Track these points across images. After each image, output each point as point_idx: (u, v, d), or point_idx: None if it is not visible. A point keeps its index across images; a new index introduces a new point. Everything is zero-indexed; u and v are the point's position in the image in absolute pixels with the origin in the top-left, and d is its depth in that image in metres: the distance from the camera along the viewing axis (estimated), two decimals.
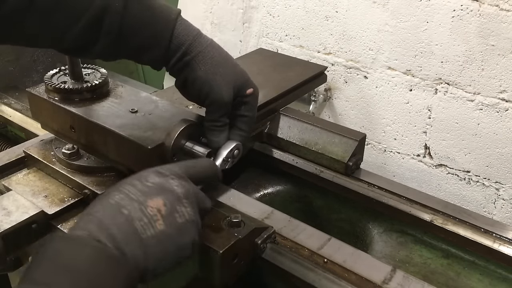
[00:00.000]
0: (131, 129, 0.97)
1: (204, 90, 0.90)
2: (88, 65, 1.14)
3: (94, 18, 0.82)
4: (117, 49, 0.88)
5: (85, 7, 0.81)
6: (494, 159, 1.77)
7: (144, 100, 1.08)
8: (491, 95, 1.70)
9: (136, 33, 0.86)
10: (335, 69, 2.05)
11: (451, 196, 1.93)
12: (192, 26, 0.92)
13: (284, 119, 1.34)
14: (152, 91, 1.43)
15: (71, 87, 1.05)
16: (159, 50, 0.88)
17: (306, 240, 0.98)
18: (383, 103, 1.97)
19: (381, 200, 1.19)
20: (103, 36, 0.84)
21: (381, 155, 2.07)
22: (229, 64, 0.93)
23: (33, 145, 1.14)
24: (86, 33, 0.83)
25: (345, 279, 0.90)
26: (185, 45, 0.89)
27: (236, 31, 2.37)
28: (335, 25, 1.98)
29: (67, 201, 1.01)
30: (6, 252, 0.94)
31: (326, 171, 1.26)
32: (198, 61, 0.89)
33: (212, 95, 0.90)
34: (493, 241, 1.07)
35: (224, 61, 0.92)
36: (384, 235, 1.23)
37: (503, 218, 1.84)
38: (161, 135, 0.94)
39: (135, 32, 0.86)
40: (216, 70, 0.90)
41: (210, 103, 0.92)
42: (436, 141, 1.89)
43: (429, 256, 1.16)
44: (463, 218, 1.12)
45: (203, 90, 0.91)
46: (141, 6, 0.86)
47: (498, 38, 1.61)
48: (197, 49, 0.89)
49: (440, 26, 1.72)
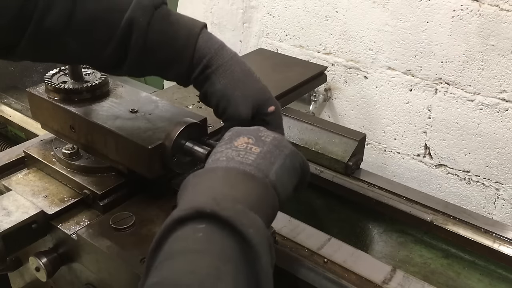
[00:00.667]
0: (131, 129, 0.97)
1: (222, 104, 0.89)
2: None
3: (123, 34, 0.84)
4: (142, 65, 0.89)
5: (117, 24, 0.83)
6: (494, 159, 1.77)
7: (144, 100, 1.08)
8: (491, 95, 1.70)
9: (159, 48, 0.87)
10: (335, 69, 2.05)
11: (451, 196, 1.93)
12: (215, 39, 0.91)
13: (284, 119, 1.34)
14: (152, 91, 1.43)
15: (71, 87, 1.05)
16: (183, 65, 0.89)
17: (306, 240, 0.98)
18: (383, 103, 1.97)
19: (381, 200, 1.19)
20: (130, 51, 0.85)
21: (381, 155, 2.07)
22: (251, 80, 0.91)
23: (33, 145, 1.14)
24: (118, 49, 0.85)
25: (345, 279, 0.90)
26: (206, 58, 0.88)
27: (236, 31, 2.37)
28: (335, 25, 1.98)
29: (67, 201, 1.01)
30: (6, 252, 0.94)
31: (326, 171, 1.26)
32: (218, 75, 0.89)
33: (229, 110, 0.89)
34: (493, 241, 1.07)
35: (245, 77, 0.91)
36: (384, 235, 1.23)
37: (503, 218, 1.84)
38: (161, 135, 0.94)
39: (158, 47, 0.87)
40: (235, 85, 0.89)
41: (227, 118, 0.91)
42: (436, 141, 1.89)
43: (429, 256, 1.16)
44: (463, 218, 1.12)
45: (221, 104, 0.90)
46: (165, 22, 0.87)
47: (498, 38, 1.61)
48: (218, 63, 0.89)
49: (440, 26, 1.72)
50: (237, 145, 0.75)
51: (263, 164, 0.72)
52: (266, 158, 0.73)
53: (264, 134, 0.77)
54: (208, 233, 0.59)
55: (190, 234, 0.59)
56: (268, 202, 0.70)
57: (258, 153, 0.74)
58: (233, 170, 0.71)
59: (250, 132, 0.77)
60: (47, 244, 1.01)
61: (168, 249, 0.59)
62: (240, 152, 0.74)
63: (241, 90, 0.89)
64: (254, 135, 0.77)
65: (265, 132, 0.78)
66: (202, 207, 0.60)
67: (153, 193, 1.03)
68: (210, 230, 0.59)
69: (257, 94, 0.91)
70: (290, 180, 0.76)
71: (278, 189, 0.72)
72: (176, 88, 1.35)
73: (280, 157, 0.75)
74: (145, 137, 0.95)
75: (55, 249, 1.00)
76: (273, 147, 0.75)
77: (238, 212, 0.61)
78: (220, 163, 0.73)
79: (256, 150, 0.74)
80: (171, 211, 0.97)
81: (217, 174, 0.70)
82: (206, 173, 0.72)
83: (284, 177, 0.75)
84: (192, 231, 0.59)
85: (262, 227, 0.62)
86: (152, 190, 1.03)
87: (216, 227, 0.59)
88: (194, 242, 0.58)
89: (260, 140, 0.76)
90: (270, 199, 0.71)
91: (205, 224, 0.59)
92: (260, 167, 0.72)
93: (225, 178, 0.70)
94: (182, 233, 0.59)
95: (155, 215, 0.97)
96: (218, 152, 0.76)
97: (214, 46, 0.89)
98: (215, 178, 0.70)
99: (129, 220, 0.94)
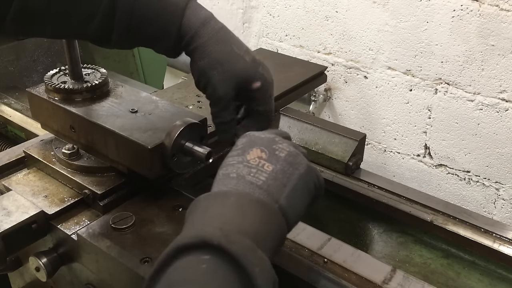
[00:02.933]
0: (131, 129, 0.97)
1: (202, 82, 0.91)
2: (88, 65, 1.14)
3: (107, 11, 0.85)
4: (131, 39, 0.90)
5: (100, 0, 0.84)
6: (494, 159, 1.78)
7: (144, 100, 1.08)
8: (491, 95, 1.70)
9: (146, 23, 0.87)
10: (335, 69, 2.05)
11: (451, 196, 1.93)
12: (201, 12, 0.90)
13: (284, 119, 1.34)
14: (152, 91, 1.43)
15: (71, 87, 1.05)
16: (170, 40, 0.89)
17: (306, 240, 0.98)
18: (383, 103, 1.97)
19: (381, 200, 1.19)
20: (116, 26, 0.86)
21: (381, 155, 2.07)
22: (232, 59, 0.91)
23: (33, 145, 1.14)
24: (104, 23, 0.86)
25: (345, 279, 0.90)
26: (188, 36, 0.89)
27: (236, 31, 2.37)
28: (335, 25, 1.98)
29: (67, 201, 1.01)
30: (6, 252, 0.94)
31: (326, 171, 1.26)
32: (198, 54, 0.89)
33: (209, 90, 0.91)
34: (493, 241, 1.07)
35: (225, 56, 0.90)
36: (384, 235, 1.23)
37: (503, 218, 1.85)
38: (161, 135, 0.94)
39: (145, 22, 0.87)
40: (213, 66, 0.89)
41: (208, 96, 0.93)
42: (436, 141, 1.89)
43: (429, 256, 1.16)
44: (463, 218, 1.12)
45: (201, 82, 0.92)
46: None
47: (498, 38, 1.61)
48: (197, 42, 0.89)
49: (440, 26, 1.72)
50: (249, 159, 0.72)
51: (274, 187, 0.70)
52: (278, 178, 0.71)
53: (278, 148, 0.74)
54: (212, 266, 0.57)
55: (193, 265, 0.57)
56: (276, 232, 0.67)
57: (270, 172, 0.71)
58: (246, 198, 0.68)
59: (264, 144, 0.74)
60: (47, 244, 1.01)
61: (169, 278, 0.57)
62: (252, 170, 0.71)
63: (220, 71, 0.89)
64: (268, 148, 0.73)
65: (280, 144, 0.74)
66: (209, 238, 0.58)
67: (153, 193, 1.03)
68: (214, 263, 0.57)
69: (240, 72, 0.90)
70: (302, 202, 0.73)
71: (289, 214, 0.70)
72: (176, 88, 1.35)
73: (293, 177, 0.72)
74: (145, 137, 0.95)
75: (55, 249, 1.00)
76: (286, 164, 0.72)
77: (246, 248, 0.59)
78: (230, 180, 0.70)
79: (269, 168, 0.71)
80: (171, 211, 0.98)
81: (229, 200, 0.67)
82: (218, 197, 0.69)
83: (297, 200, 0.72)
84: (195, 261, 0.57)
85: (269, 268, 0.60)
86: (152, 190, 1.03)
87: (221, 261, 0.57)
88: (196, 273, 0.56)
89: (274, 155, 0.73)
90: (279, 230, 0.68)
91: (210, 256, 0.57)
92: (270, 190, 0.69)
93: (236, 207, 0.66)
94: (185, 262, 0.58)
95: (155, 215, 0.97)
96: (229, 165, 0.73)
97: (197, 22, 0.89)
98: (227, 205, 0.67)
99: (129, 220, 0.94)
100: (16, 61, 1.69)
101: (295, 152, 0.74)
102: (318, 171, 0.77)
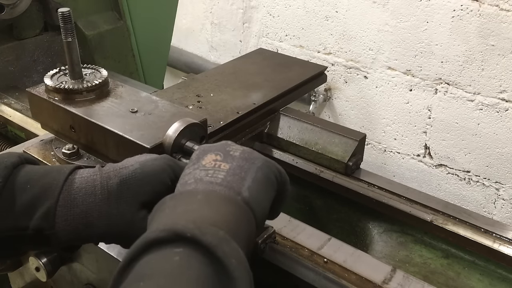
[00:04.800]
0: (131, 129, 0.97)
1: None
2: (88, 65, 1.14)
3: None
4: None
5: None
6: (494, 159, 1.78)
7: (144, 100, 1.08)
8: (491, 95, 1.70)
9: None
10: (335, 69, 2.05)
11: (451, 196, 1.93)
12: None
13: (284, 119, 1.34)
14: (152, 91, 1.43)
15: (71, 87, 1.05)
16: None
17: (306, 240, 0.98)
18: (383, 103, 1.97)
19: (381, 200, 1.19)
20: None
21: (381, 155, 2.07)
22: None
23: (33, 145, 1.14)
24: None
25: (345, 279, 0.90)
26: None
27: (236, 31, 2.37)
28: (335, 25, 1.98)
29: None
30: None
31: (326, 171, 1.26)
32: None
33: None
34: (493, 241, 1.07)
35: None
36: (384, 235, 1.23)
37: (503, 218, 1.85)
38: (161, 135, 0.94)
39: None
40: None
41: None
42: (436, 141, 1.89)
43: (429, 256, 1.16)
44: (463, 218, 1.12)
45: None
46: None
47: (498, 38, 1.61)
48: None
49: (440, 26, 1.72)
50: (205, 164, 0.72)
51: (233, 181, 0.69)
52: (236, 173, 0.70)
53: (232, 149, 0.74)
54: (186, 258, 0.55)
55: (165, 257, 0.55)
56: (246, 226, 0.66)
57: (228, 170, 0.70)
58: (212, 194, 0.67)
59: (217, 148, 0.74)
60: None
61: (139, 271, 0.55)
62: (209, 171, 0.70)
63: None
64: (222, 151, 0.74)
65: (233, 146, 0.75)
66: (182, 231, 0.56)
67: None
68: (188, 255, 0.55)
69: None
70: (266, 194, 0.72)
71: (253, 205, 0.69)
72: (176, 88, 1.35)
73: (251, 170, 0.71)
74: (145, 137, 0.95)
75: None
76: (242, 160, 0.72)
77: (221, 240, 0.57)
78: (188, 186, 0.69)
79: (225, 167, 0.71)
80: None
81: (196, 197, 0.67)
82: (184, 195, 0.68)
83: (259, 192, 0.71)
84: (167, 254, 0.55)
85: (245, 261, 0.59)
86: None
87: (195, 253, 0.55)
88: (168, 266, 0.54)
89: (229, 155, 0.73)
90: (248, 224, 0.67)
91: (183, 248, 0.55)
92: (230, 184, 0.68)
93: (205, 202, 0.66)
94: (157, 255, 0.56)
95: None
96: (186, 175, 0.72)
97: None
98: (195, 201, 0.66)
99: None
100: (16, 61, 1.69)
101: (249, 150, 0.75)
102: (278, 165, 0.76)
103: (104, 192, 0.74)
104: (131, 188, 0.74)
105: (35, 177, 0.76)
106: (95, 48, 1.79)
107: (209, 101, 1.26)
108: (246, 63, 1.52)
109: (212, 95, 1.29)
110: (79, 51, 1.06)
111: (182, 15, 2.71)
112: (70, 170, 0.77)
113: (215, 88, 1.33)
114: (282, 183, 0.76)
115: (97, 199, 0.73)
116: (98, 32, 1.79)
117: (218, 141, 1.13)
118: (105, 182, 0.75)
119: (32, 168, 0.78)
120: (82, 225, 0.73)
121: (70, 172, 0.77)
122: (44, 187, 0.74)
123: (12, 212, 0.73)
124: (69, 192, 0.74)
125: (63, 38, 1.03)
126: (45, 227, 0.73)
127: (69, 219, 0.73)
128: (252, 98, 1.29)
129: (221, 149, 0.74)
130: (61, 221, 0.73)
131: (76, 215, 0.73)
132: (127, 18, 1.87)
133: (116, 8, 1.85)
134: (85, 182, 0.75)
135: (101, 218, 0.73)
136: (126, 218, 0.73)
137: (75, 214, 0.73)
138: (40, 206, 0.73)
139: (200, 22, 2.60)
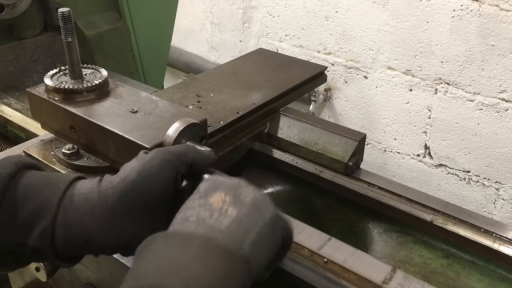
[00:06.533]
0: (131, 129, 0.97)
1: None
2: (88, 65, 1.14)
3: None
4: None
5: None
6: (494, 159, 1.78)
7: (144, 100, 1.08)
8: (491, 95, 1.70)
9: None
10: (335, 69, 2.05)
11: (451, 196, 1.93)
12: None
13: (284, 119, 1.34)
14: (152, 91, 1.43)
15: (71, 87, 1.05)
16: None
17: (306, 240, 0.98)
18: (383, 103, 1.97)
19: (381, 200, 1.19)
20: None
21: (381, 155, 2.07)
22: None
23: (33, 145, 1.14)
24: None
25: (345, 279, 0.90)
26: None
27: (236, 31, 2.38)
28: (335, 25, 1.98)
29: None
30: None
31: (326, 171, 1.26)
32: None
33: None
34: (493, 241, 1.07)
35: None
36: (384, 235, 1.23)
37: (503, 218, 1.85)
38: (161, 135, 0.94)
39: None
40: None
41: None
42: (436, 141, 1.89)
43: (429, 256, 1.16)
44: (463, 218, 1.12)
45: None
46: None
47: (498, 38, 1.61)
48: None
49: (440, 26, 1.72)
50: (212, 203, 0.67)
51: (237, 232, 0.64)
52: (243, 223, 0.66)
53: (244, 192, 0.69)
54: None
55: None
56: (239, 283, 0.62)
57: (234, 217, 0.66)
58: (210, 243, 0.62)
59: (229, 187, 0.70)
60: None
61: None
62: (214, 213, 0.66)
63: None
64: (233, 192, 0.69)
65: (246, 188, 0.70)
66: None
67: None
68: None
69: None
70: (267, 252, 0.69)
71: (253, 262, 0.65)
72: (176, 88, 1.35)
73: (258, 223, 0.67)
74: (145, 137, 0.95)
75: None
76: (252, 209, 0.67)
77: None
78: (189, 224, 0.65)
79: (233, 213, 0.66)
80: None
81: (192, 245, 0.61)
82: (179, 239, 0.63)
83: (262, 248, 0.67)
84: None
85: None
86: None
87: None
88: None
89: (239, 199, 0.68)
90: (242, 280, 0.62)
91: None
92: (233, 235, 0.64)
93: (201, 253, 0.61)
94: None
95: None
96: (189, 209, 0.68)
97: None
98: (189, 251, 0.61)
99: None
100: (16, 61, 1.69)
101: (261, 197, 0.70)
102: (288, 220, 0.72)
103: (103, 212, 0.72)
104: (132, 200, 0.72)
105: (32, 192, 0.74)
106: (95, 48, 1.80)
107: (209, 101, 1.26)
108: (246, 63, 1.52)
109: (212, 95, 1.29)
110: (79, 51, 1.06)
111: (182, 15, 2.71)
112: (66, 186, 0.74)
113: (215, 88, 1.33)
114: (285, 241, 0.73)
115: (97, 218, 0.72)
116: (98, 32, 1.79)
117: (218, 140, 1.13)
118: (104, 202, 0.72)
119: (31, 178, 0.76)
120: (82, 242, 0.72)
121: (66, 188, 0.74)
122: (42, 204, 0.73)
123: (14, 226, 0.72)
124: (66, 211, 0.72)
125: (63, 38, 1.03)
126: (43, 246, 0.72)
127: (68, 237, 0.72)
128: (252, 98, 1.29)
129: (233, 189, 0.70)
130: (60, 239, 0.72)
131: (75, 234, 0.72)
132: (127, 18, 1.87)
133: (116, 8, 1.85)
134: (83, 201, 0.73)
135: (102, 236, 0.72)
136: (129, 232, 0.72)
137: (74, 233, 0.72)
138: (38, 223, 0.72)
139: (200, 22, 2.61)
